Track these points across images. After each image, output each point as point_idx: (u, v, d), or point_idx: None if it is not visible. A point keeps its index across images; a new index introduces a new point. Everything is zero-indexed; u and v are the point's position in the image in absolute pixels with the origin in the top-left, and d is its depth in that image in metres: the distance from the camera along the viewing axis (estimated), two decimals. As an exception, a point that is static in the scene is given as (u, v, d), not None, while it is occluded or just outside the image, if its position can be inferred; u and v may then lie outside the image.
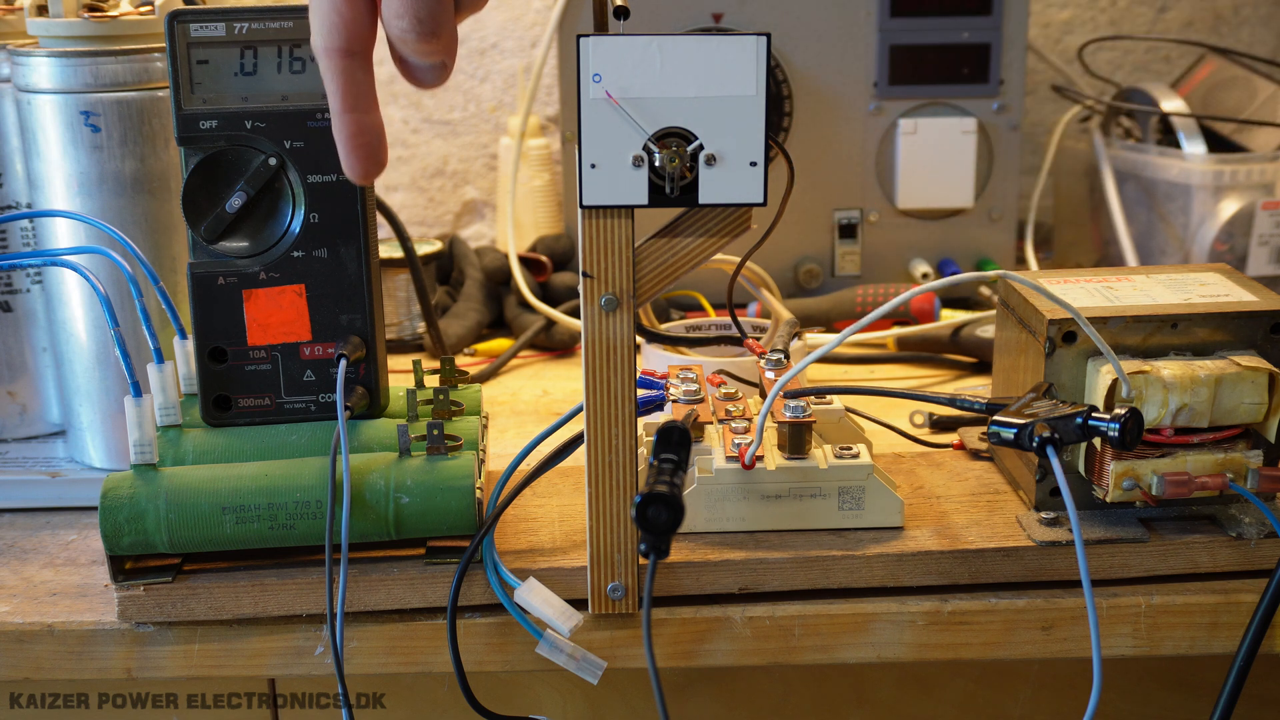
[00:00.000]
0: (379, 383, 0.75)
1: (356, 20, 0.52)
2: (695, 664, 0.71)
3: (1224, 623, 0.70)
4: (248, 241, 0.72)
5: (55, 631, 0.70)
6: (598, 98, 0.61)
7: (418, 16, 0.51)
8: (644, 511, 0.55)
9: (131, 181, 0.79)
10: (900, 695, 0.80)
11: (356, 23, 0.52)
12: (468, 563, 0.69)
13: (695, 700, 0.79)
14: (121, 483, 0.68)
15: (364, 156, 0.55)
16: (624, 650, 0.70)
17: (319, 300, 0.73)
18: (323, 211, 0.72)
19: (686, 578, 0.70)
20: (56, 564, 0.76)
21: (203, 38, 0.70)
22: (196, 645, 0.70)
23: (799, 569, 0.70)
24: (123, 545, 0.68)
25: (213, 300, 0.72)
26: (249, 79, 0.71)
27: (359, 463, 0.69)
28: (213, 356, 0.73)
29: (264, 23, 0.70)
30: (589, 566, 0.68)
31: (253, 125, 0.71)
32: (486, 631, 0.70)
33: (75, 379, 0.84)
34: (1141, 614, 0.71)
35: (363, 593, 0.69)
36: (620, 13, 0.65)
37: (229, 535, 0.68)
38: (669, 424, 0.59)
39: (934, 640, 0.70)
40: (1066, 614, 0.70)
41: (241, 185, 0.71)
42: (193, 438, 0.73)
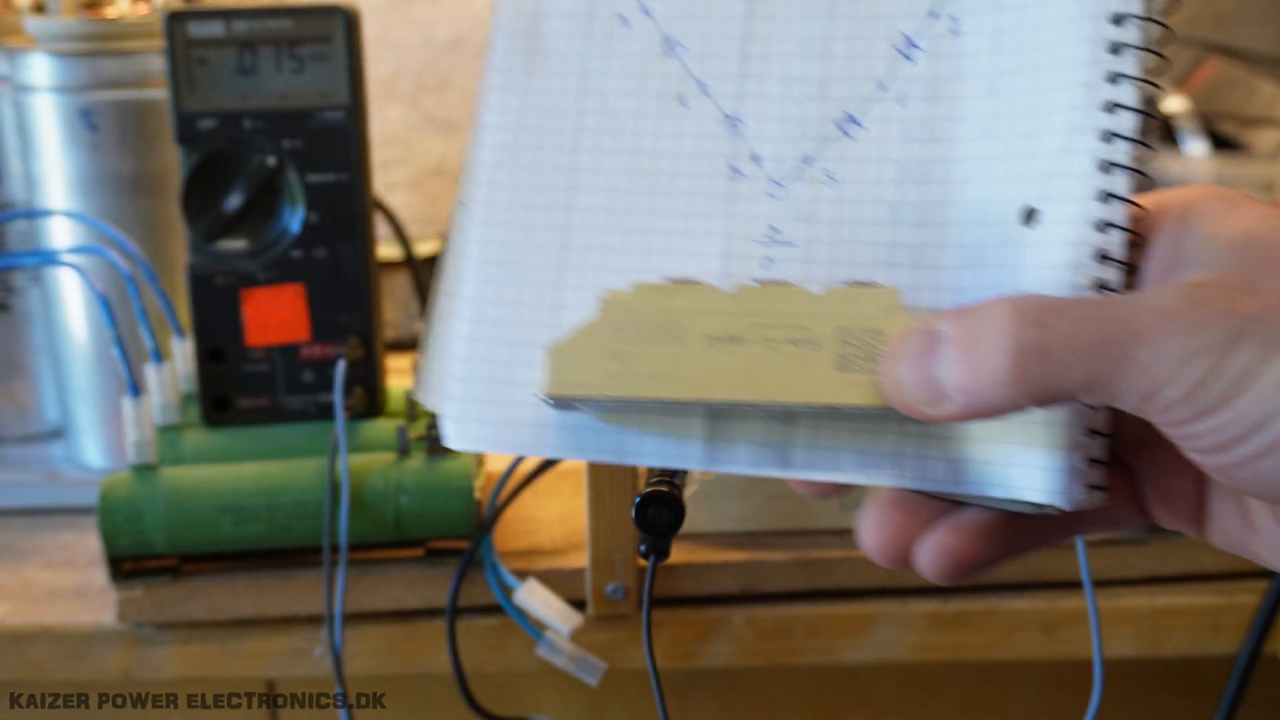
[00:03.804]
0: (378, 383, 0.74)
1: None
2: (696, 665, 0.71)
3: (1226, 624, 0.70)
4: (246, 241, 0.72)
5: (53, 633, 0.70)
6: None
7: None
8: (644, 512, 0.55)
9: (130, 181, 0.79)
10: (901, 696, 0.79)
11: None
12: (467, 564, 0.68)
13: (696, 701, 0.78)
14: (120, 483, 0.68)
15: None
16: (624, 651, 0.70)
17: (318, 300, 0.73)
18: (322, 211, 0.71)
19: (687, 578, 0.70)
20: (54, 565, 0.76)
21: (201, 37, 0.70)
22: (195, 646, 0.70)
23: (799, 570, 0.70)
24: (121, 546, 0.68)
25: (211, 300, 0.72)
26: (248, 79, 0.70)
27: (358, 463, 0.69)
28: (211, 356, 0.73)
29: (263, 22, 0.70)
30: (589, 567, 0.68)
31: (252, 125, 0.70)
32: (486, 633, 0.70)
33: (73, 379, 0.83)
34: (1143, 615, 0.71)
35: (362, 593, 0.69)
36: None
37: (228, 536, 0.68)
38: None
39: (935, 641, 0.70)
40: (1068, 615, 0.70)
41: (240, 185, 0.71)
42: (191, 438, 0.73)
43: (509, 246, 0.42)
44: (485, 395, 0.41)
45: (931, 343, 0.35)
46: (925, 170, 0.41)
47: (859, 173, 0.41)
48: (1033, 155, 0.39)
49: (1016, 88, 0.40)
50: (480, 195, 0.43)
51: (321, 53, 0.70)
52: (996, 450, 0.38)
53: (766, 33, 0.43)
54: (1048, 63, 0.39)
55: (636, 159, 0.43)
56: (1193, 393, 0.32)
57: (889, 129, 0.42)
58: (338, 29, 0.70)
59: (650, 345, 0.38)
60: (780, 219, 0.42)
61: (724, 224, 0.42)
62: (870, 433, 0.39)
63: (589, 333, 0.39)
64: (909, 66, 0.42)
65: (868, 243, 0.41)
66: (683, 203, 0.42)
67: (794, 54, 0.43)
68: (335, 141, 0.71)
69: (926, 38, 0.42)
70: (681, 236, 0.42)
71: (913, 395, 0.35)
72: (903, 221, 0.41)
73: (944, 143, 0.41)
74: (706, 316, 0.38)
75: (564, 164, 0.43)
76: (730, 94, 0.43)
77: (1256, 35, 1.45)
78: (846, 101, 0.42)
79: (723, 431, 0.40)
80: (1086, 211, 0.37)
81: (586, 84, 0.44)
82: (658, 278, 0.41)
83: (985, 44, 0.41)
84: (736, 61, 0.43)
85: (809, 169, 0.42)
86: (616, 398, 0.38)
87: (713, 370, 0.38)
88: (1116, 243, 0.37)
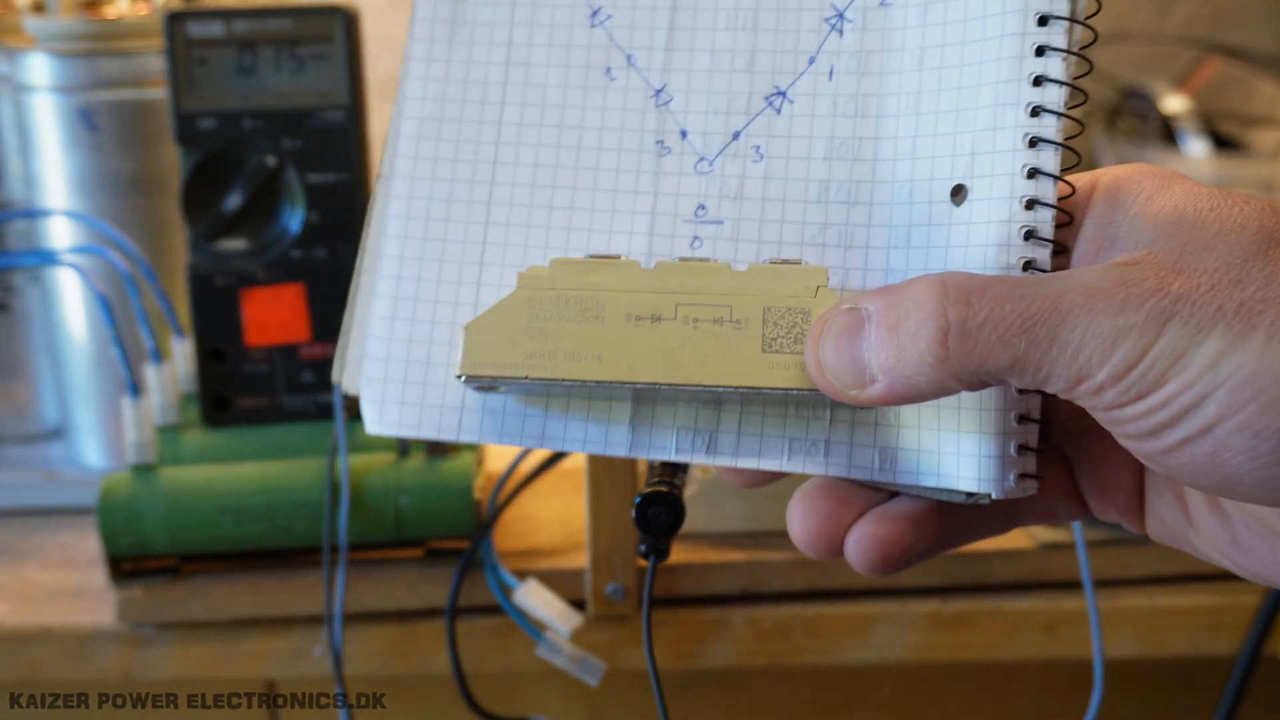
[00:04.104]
0: (378, 383, 0.74)
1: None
2: (696, 665, 0.71)
3: (1226, 624, 0.70)
4: (246, 241, 0.72)
5: (53, 633, 0.70)
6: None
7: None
8: (644, 512, 0.55)
9: (130, 181, 0.79)
10: (901, 696, 0.79)
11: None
12: (467, 564, 0.68)
13: (696, 702, 0.78)
14: (119, 483, 0.68)
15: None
16: (624, 651, 0.70)
17: (318, 300, 0.73)
18: (322, 211, 0.71)
19: (687, 579, 0.70)
20: (54, 565, 0.76)
21: (201, 37, 0.70)
22: (195, 646, 0.70)
23: (799, 570, 0.70)
24: (121, 546, 0.68)
25: (211, 300, 0.72)
26: (247, 78, 0.70)
27: (358, 463, 0.69)
28: (211, 356, 0.73)
29: (263, 22, 0.70)
30: (589, 567, 0.68)
31: (251, 125, 0.70)
32: (486, 633, 0.70)
33: (73, 379, 0.83)
34: (1143, 615, 0.71)
35: (362, 594, 0.69)
36: None
37: (228, 536, 0.68)
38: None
39: (935, 641, 0.70)
40: (1068, 615, 0.70)
41: (240, 185, 0.71)
42: (191, 438, 0.73)
43: (429, 222, 0.41)
44: (405, 376, 0.40)
45: (856, 322, 0.34)
46: (854, 147, 0.40)
47: (787, 149, 0.41)
48: (960, 132, 0.38)
49: (944, 62, 0.39)
50: (401, 168, 0.42)
51: (321, 53, 0.70)
52: (927, 438, 0.37)
53: (694, 3, 0.42)
54: (975, 36, 0.39)
55: (562, 133, 0.42)
56: (1122, 375, 0.31)
57: (818, 104, 0.41)
58: (338, 29, 0.70)
59: (569, 323, 0.37)
60: (708, 196, 0.41)
61: (650, 201, 0.41)
62: (799, 419, 0.38)
63: (506, 309, 0.38)
64: (837, 39, 0.41)
65: (796, 221, 0.40)
66: (609, 179, 0.41)
67: (722, 25, 0.42)
68: (335, 141, 0.71)
69: (856, 9, 0.41)
70: (607, 214, 0.41)
71: (838, 377, 0.35)
72: (832, 200, 0.40)
73: (872, 119, 0.40)
74: (627, 294, 0.37)
75: (487, 137, 0.42)
76: (658, 66, 0.42)
77: (1256, 35, 1.45)
78: (775, 75, 0.41)
79: (649, 416, 0.39)
80: (1014, 188, 0.37)
81: (511, 54, 0.43)
82: (579, 254, 0.40)
83: (914, 16, 0.40)
84: (664, 33, 0.42)
85: (737, 144, 0.41)
86: (535, 378, 0.37)
87: (635, 351, 0.37)
88: (1045, 220, 0.36)
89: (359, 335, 0.40)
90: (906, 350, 0.33)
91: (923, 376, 0.33)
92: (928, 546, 0.37)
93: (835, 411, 0.38)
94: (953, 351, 0.32)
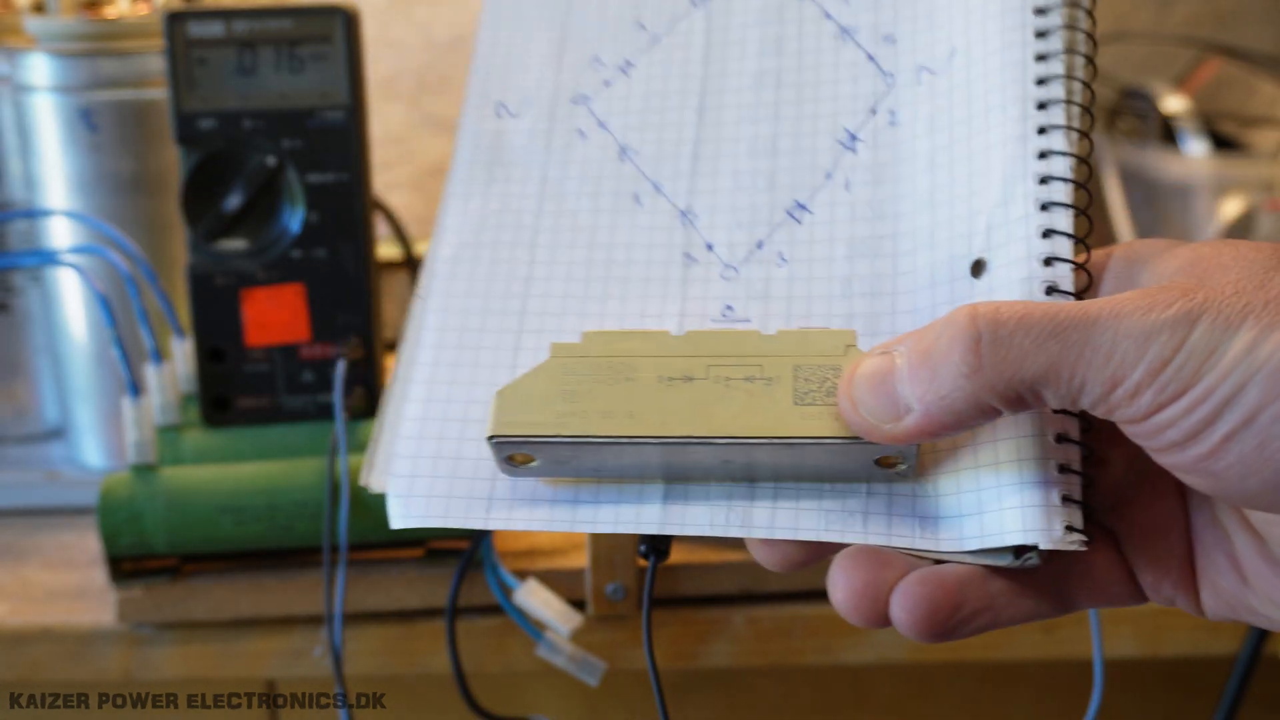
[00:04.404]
0: (378, 383, 0.74)
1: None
2: (695, 665, 0.71)
3: (1226, 624, 0.70)
4: (246, 241, 0.72)
5: (53, 633, 0.70)
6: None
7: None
8: (644, 513, 0.55)
9: (130, 181, 0.79)
10: (901, 696, 0.79)
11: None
12: (467, 564, 0.68)
13: (696, 702, 0.78)
14: (119, 483, 0.68)
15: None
16: (624, 652, 0.70)
17: (318, 300, 0.73)
18: (322, 211, 0.71)
19: (687, 579, 0.70)
20: (54, 565, 0.76)
21: (201, 37, 0.70)
22: (195, 646, 0.70)
23: (800, 570, 0.70)
24: (121, 546, 0.68)
25: (211, 300, 0.72)
26: (248, 78, 0.70)
27: (358, 463, 0.69)
28: (211, 356, 0.73)
29: (263, 22, 0.70)
30: (588, 567, 0.68)
31: (252, 125, 0.70)
32: (486, 633, 0.70)
33: (73, 379, 0.83)
34: (1143, 615, 0.71)
35: (362, 593, 0.69)
36: None
37: (228, 536, 0.68)
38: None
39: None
40: (1068, 615, 0.70)
41: (240, 185, 0.71)
42: (191, 438, 0.73)
43: (464, 332, 0.43)
44: (433, 470, 0.40)
45: (887, 363, 0.35)
46: (874, 245, 0.42)
47: (810, 252, 0.43)
48: (974, 214, 0.40)
49: (953, 159, 0.41)
50: (437, 287, 0.44)
51: (321, 53, 0.70)
52: (968, 501, 0.37)
53: (716, 136, 0.45)
54: (979, 130, 0.41)
55: (593, 251, 0.44)
56: (1158, 370, 0.32)
57: (836, 211, 0.43)
58: (338, 29, 0.70)
59: (602, 385, 0.37)
60: (735, 298, 0.43)
61: (679, 304, 0.43)
62: (835, 494, 0.38)
63: (538, 375, 0.38)
64: (851, 156, 0.44)
65: (822, 315, 0.42)
66: (638, 287, 0.43)
67: (743, 153, 0.45)
68: (335, 141, 0.71)
69: (866, 130, 0.44)
70: (637, 318, 0.43)
71: (872, 413, 0.35)
72: (855, 294, 0.42)
73: (889, 219, 0.42)
74: (659, 358, 0.38)
75: (521, 257, 0.44)
76: (683, 190, 0.45)
77: (1256, 35, 1.45)
78: (795, 190, 0.44)
79: (682, 494, 0.39)
80: (1031, 249, 0.38)
81: (545, 188, 0.45)
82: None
83: (922, 128, 0.43)
84: (689, 162, 0.45)
85: (761, 252, 0.43)
86: (567, 436, 0.37)
87: (667, 407, 0.37)
88: (1065, 275, 0.37)
89: (388, 437, 0.41)
90: (940, 369, 0.33)
91: (959, 393, 0.33)
92: (979, 611, 0.36)
93: (871, 486, 0.38)
94: (986, 359, 0.33)
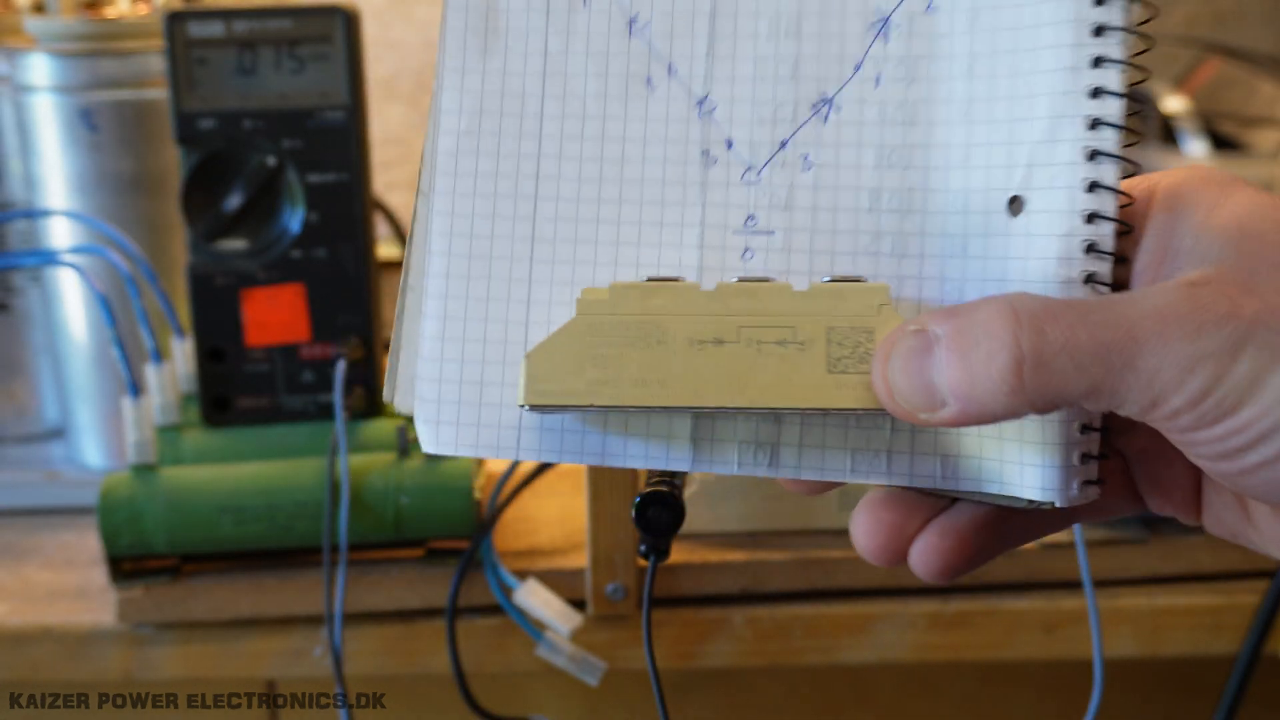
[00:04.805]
0: (378, 383, 0.74)
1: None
2: (696, 665, 0.71)
3: (1226, 624, 0.70)
4: (246, 241, 0.72)
5: (53, 633, 0.70)
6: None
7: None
8: (644, 512, 0.55)
9: (130, 181, 0.79)
10: (901, 696, 0.79)
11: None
12: (467, 564, 0.68)
13: (696, 702, 0.78)
14: (120, 483, 0.68)
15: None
16: (624, 651, 0.70)
17: (318, 300, 0.73)
18: (322, 211, 0.71)
19: (687, 579, 0.70)
20: (54, 565, 0.76)
21: (201, 37, 0.70)
22: (195, 646, 0.70)
23: (800, 570, 0.70)
24: (121, 546, 0.68)
25: (211, 300, 0.72)
26: (248, 78, 0.70)
27: (358, 463, 0.69)
28: (211, 356, 0.73)
29: (263, 22, 0.70)
30: (589, 567, 0.68)
31: (252, 125, 0.70)
32: (486, 633, 0.70)
33: (73, 379, 0.83)
34: (1143, 615, 0.70)
35: (362, 594, 0.69)
36: None
37: (228, 536, 0.68)
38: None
39: (935, 641, 0.70)
40: (1068, 615, 0.70)
41: (240, 185, 0.71)
42: (191, 438, 0.73)
43: (474, 239, 0.41)
44: (459, 396, 0.39)
45: (924, 344, 0.34)
46: (905, 155, 0.40)
47: (836, 157, 0.40)
48: (1015, 143, 0.38)
49: (995, 71, 0.39)
50: (441, 184, 0.41)
51: (321, 53, 0.70)
52: (990, 446, 0.37)
53: (734, 10, 0.42)
54: (1027, 45, 0.38)
55: (604, 145, 0.41)
56: (1198, 401, 0.31)
57: (865, 111, 0.40)
58: (338, 29, 0.70)
59: (632, 349, 0.37)
60: (758, 207, 0.40)
61: (699, 212, 0.41)
62: (860, 431, 0.38)
63: (567, 336, 0.37)
64: (883, 45, 0.41)
65: (848, 231, 0.40)
66: (655, 190, 0.41)
67: (764, 32, 0.41)
68: (335, 141, 0.71)
69: (901, 14, 0.40)
70: (655, 226, 0.41)
71: (907, 400, 0.35)
72: (884, 208, 0.40)
73: (922, 126, 0.40)
74: (688, 318, 0.37)
75: (528, 150, 0.41)
76: (699, 75, 0.41)
77: (1256, 35, 1.45)
78: (821, 82, 0.41)
79: (710, 432, 0.39)
80: (1074, 202, 0.36)
81: (547, 65, 0.42)
82: (633, 273, 0.40)
83: (962, 23, 0.40)
84: (705, 41, 0.42)
85: (784, 153, 0.41)
86: (601, 406, 0.37)
87: (700, 375, 0.37)
88: (1106, 234, 0.36)
89: (409, 355, 0.40)
90: (979, 377, 0.33)
91: (996, 403, 0.33)
92: (989, 550, 0.38)
93: (896, 423, 0.38)
94: (1028, 382, 0.32)
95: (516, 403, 0.38)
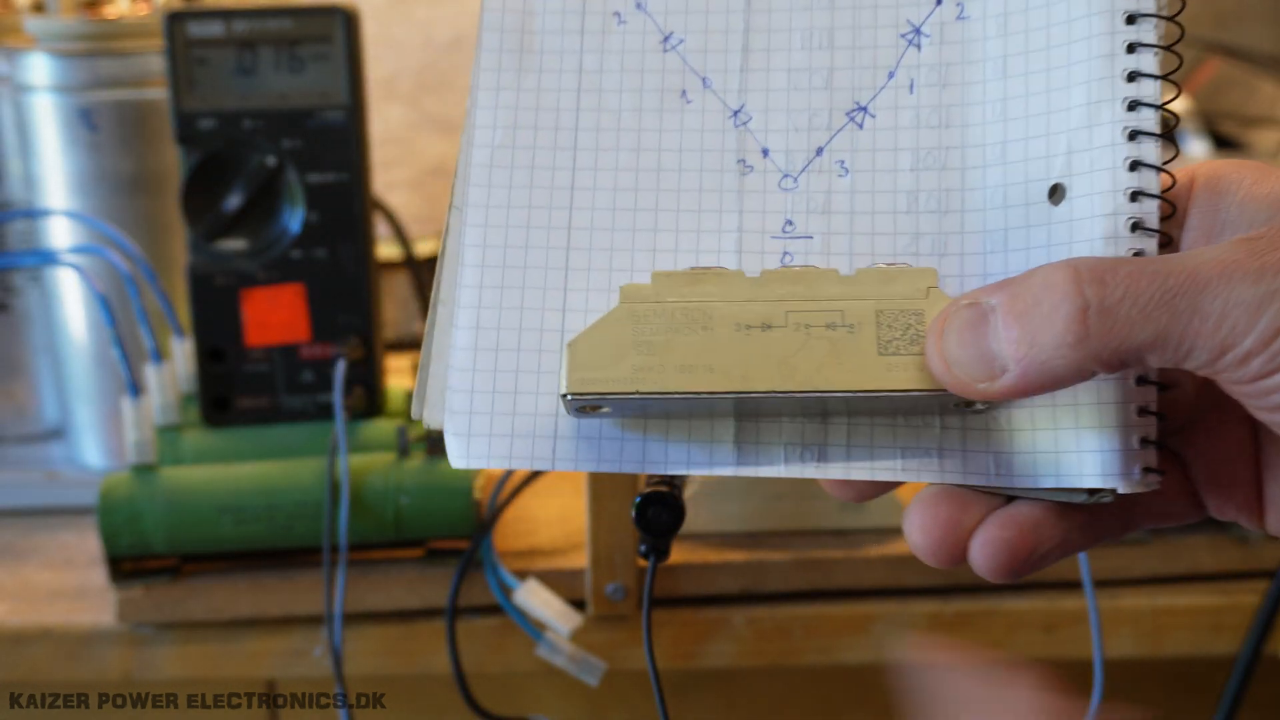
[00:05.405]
0: (378, 383, 0.74)
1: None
2: (696, 665, 0.71)
3: (1226, 624, 0.70)
4: (246, 241, 0.72)
5: (53, 633, 0.70)
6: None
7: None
8: (644, 512, 0.55)
9: (130, 181, 0.79)
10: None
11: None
12: (467, 564, 0.68)
13: (696, 702, 0.78)
14: (119, 483, 0.68)
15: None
16: (624, 651, 0.70)
17: (318, 300, 0.73)
18: (322, 211, 0.71)
19: (687, 578, 0.70)
20: (54, 565, 0.76)
21: (201, 37, 0.70)
22: (195, 646, 0.70)
23: (799, 570, 0.70)
24: (121, 546, 0.68)
25: (211, 300, 0.72)
26: (248, 79, 0.70)
27: (358, 463, 0.69)
28: (211, 356, 0.73)
29: (263, 22, 0.70)
30: (589, 567, 0.68)
31: (251, 125, 0.70)
32: (486, 633, 0.70)
33: (73, 379, 0.83)
34: (1143, 615, 0.70)
35: (362, 594, 0.69)
36: None
37: (228, 536, 0.68)
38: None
39: (935, 641, 0.70)
40: (1068, 615, 0.70)
41: (240, 185, 0.71)
42: (191, 438, 0.73)
43: (507, 250, 0.40)
44: (491, 407, 0.38)
45: (979, 315, 0.33)
46: (940, 157, 0.40)
47: (873, 162, 0.41)
48: (1053, 133, 0.38)
49: (1029, 68, 0.39)
50: (474, 197, 0.41)
51: (321, 53, 0.70)
52: (1043, 439, 0.37)
53: (767, 25, 0.42)
54: (1059, 40, 0.39)
55: (639, 156, 0.41)
56: (1270, 339, 0.31)
57: (900, 116, 0.41)
58: (337, 29, 0.70)
59: (678, 335, 0.36)
60: (795, 212, 0.40)
61: (736, 219, 0.40)
62: (909, 429, 0.38)
63: (609, 325, 0.36)
64: (916, 53, 0.41)
65: (887, 233, 0.40)
66: (691, 199, 0.40)
67: (797, 45, 0.42)
68: (335, 141, 0.71)
69: (933, 24, 0.41)
70: (693, 234, 0.40)
71: (965, 372, 0.34)
72: (922, 210, 0.40)
73: (957, 128, 0.40)
74: (734, 304, 0.36)
75: (563, 162, 0.41)
76: (734, 87, 0.42)
77: (1257, 35, 1.45)
78: (855, 90, 0.41)
79: (753, 434, 0.38)
80: (1118, 181, 0.37)
81: (582, 81, 0.42)
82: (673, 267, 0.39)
83: (993, 28, 0.40)
84: (739, 55, 0.42)
85: (820, 160, 0.41)
86: (647, 393, 0.36)
87: (747, 360, 0.36)
88: (1151, 211, 0.36)
89: (439, 369, 0.39)
90: (1041, 334, 0.32)
91: (1060, 360, 0.32)
92: (1052, 549, 0.37)
93: (945, 419, 0.37)
94: (1093, 329, 0.32)
95: (558, 391, 0.37)
